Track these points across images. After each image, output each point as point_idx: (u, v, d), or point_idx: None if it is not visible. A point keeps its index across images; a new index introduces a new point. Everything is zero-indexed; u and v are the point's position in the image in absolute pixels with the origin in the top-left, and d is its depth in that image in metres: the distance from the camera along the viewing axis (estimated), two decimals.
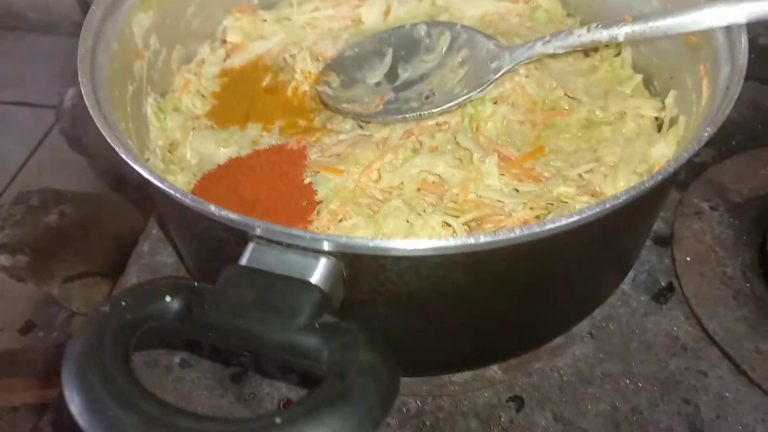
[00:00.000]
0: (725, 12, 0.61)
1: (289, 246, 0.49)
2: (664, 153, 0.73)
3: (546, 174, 0.73)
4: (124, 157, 0.52)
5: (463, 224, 0.68)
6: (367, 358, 0.44)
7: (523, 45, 0.74)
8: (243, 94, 0.84)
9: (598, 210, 0.48)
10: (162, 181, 0.51)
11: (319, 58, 0.87)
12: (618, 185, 0.71)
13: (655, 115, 0.78)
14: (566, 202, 0.68)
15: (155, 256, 0.89)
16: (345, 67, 0.85)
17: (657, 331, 0.79)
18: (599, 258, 0.62)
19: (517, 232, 0.47)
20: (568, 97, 0.81)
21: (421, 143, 0.77)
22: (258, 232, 0.49)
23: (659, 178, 0.50)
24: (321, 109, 0.84)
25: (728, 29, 0.63)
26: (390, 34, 0.86)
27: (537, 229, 0.47)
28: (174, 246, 0.85)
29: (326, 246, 0.48)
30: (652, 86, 0.82)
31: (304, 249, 0.49)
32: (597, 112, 0.79)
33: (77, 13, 2.12)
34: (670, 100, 0.76)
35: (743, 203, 0.90)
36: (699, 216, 0.89)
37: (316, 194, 0.72)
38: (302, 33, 0.90)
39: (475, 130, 0.78)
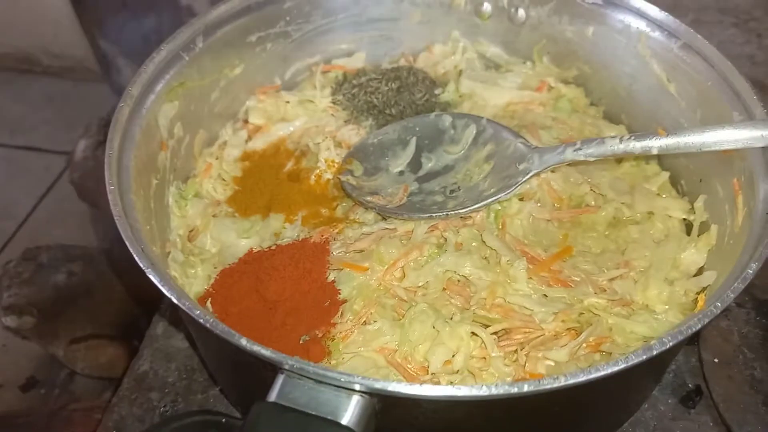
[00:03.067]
0: (763, 134, 0.60)
1: (320, 381, 0.48)
2: (695, 260, 0.72)
3: (575, 278, 0.71)
4: (155, 282, 0.51)
5: (492, 334, 0.67)
6: None
7: (553, 149, 0.73)
8: (265, 181, 0.83)
9: (644, 357, 0.46)
10: (192, 309, 0.49)
11: (342, 145, 0.86)
12: (649, 294, 0.70)
13: (684, 217, 0.77)
14: (598, 315, 0.66)
15: (169, 340, 0.87)
16: (368, 154, 0.84)
17: None
18: (637, 384, 0.60)
19: (562, 381, 0.45)
20: (594, 192, 0.80)
21: (446, 239, 0.76)
22: (289, 366, 0.47)
23: (705, 320, 0.48)
24: (344, 198, 0.82)
25: (765, 148, 0.62)
26: (414, 123, 0.85)
27: (582, 378, 0.45)
28: (191, 341, 0.83)
29: (359, 387, 0.46)
30: (679, 185, 0.81)
31: (336, 386, 0.47)
32: (624, 210, 0.78)
33: (91, 59, 2.13)
34: (699, 204, 0.75)
35: None
36: (726, 313, 0.87)
37: (339, 293, 0.71)
38: (324, 117, 0.89)
39: (500, 227, 0.77)
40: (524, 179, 0.73)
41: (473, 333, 0.66)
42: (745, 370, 0.82)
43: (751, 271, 0.51)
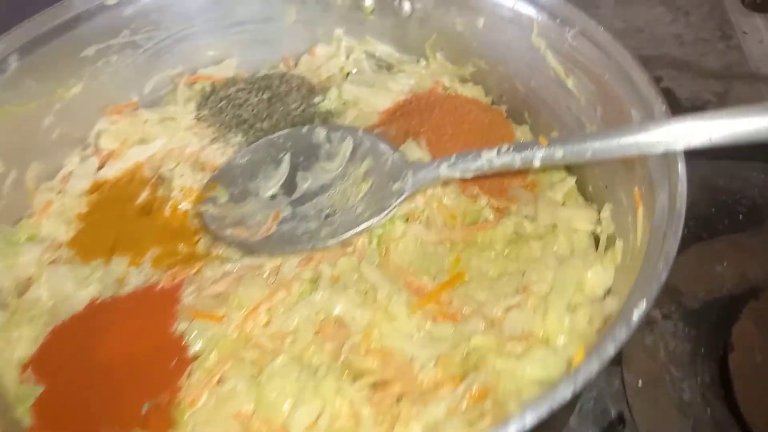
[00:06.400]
0: (660, 139, 0.50)
1: None
2: (601, 280, 0.62)
3: (465, 310, 0.62)
4: None
5: (364, 389, 0.56)
6: None
7: (427, 165, 0.63)
8: (113, 217, 0.71)
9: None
10: None
11: (207, 168, 0.75)
12: (549, 322, 0.60)
13: (591, 229, 0.68)
14: (485, 359, 0.56)
15: None
16: (235, 177, 0.73)
17: None
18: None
19: None
20: (492, 208, 0.70)
21: (320, 272, 0.65)
22: None
23: (579, 384, 0.38)
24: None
25: (665, 154, 0.53)
26: (286, 139, 0.74)
27: None
28: None
29: None
30: (587, 191, 0.72)
31: None
32: (525, 225, 0.69)
33: None
34: (606, 214, 0.66)
35: (699, 309, 0.79)
36: (650, 327, 0.78)
37: (189, 349, 0.60)
38: (187, 137, 0.78)
39: (384, 253, 0.66)
40: (397, 202, 0.63)
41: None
42: (672, 393, 0.73)
43: (635, 319, 0.41)
